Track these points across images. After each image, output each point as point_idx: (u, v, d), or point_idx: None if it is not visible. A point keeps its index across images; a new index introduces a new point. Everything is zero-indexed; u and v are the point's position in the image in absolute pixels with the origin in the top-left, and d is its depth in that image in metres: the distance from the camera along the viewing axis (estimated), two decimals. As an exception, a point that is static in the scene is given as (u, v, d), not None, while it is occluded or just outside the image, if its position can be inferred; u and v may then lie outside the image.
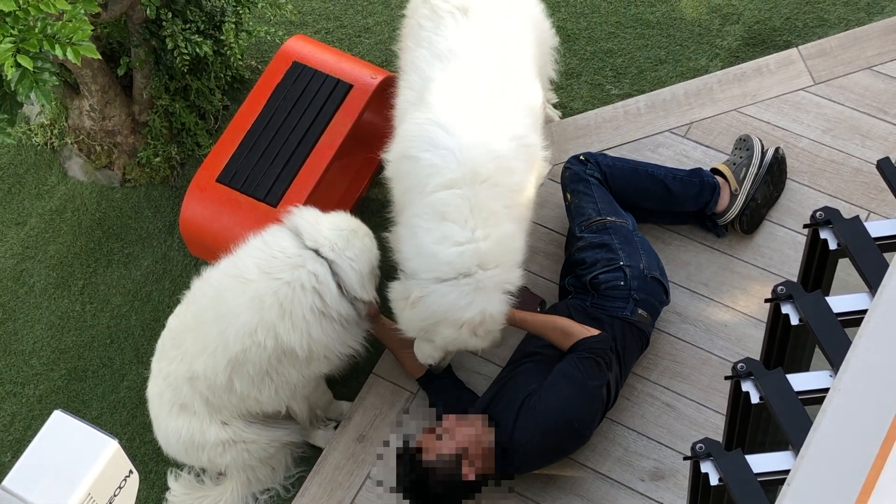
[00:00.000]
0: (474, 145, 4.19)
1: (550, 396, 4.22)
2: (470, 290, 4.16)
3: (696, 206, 4.79)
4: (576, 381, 4.23)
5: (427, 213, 4.19)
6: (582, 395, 4.23)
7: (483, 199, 4.17)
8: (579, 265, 4.60)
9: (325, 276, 4.22)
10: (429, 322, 4.22)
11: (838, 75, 5.17)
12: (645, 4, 5.53)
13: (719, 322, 4.72)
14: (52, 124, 5.53)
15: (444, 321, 4.20)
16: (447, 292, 4.16)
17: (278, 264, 4.20)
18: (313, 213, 4.35)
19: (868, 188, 4.90)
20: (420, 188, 4.22)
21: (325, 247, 4.23)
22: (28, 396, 5.02)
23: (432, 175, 4.19)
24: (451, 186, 4.16)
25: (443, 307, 4.17)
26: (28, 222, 5.39)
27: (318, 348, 4.28)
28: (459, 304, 4.16)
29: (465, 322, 4.18)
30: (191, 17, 5.01)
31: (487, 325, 4.22)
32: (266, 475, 4.63)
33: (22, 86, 3.59)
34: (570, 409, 4.22)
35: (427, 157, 4.21)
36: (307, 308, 4.20)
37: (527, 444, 4.22)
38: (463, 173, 4.15)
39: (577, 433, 4.29)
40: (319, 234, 4.25)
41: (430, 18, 4.46)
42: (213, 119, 5.48)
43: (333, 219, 4.34)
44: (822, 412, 2.59)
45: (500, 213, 4.20)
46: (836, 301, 3.01)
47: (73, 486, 3.01)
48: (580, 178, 4.72)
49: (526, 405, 4.24)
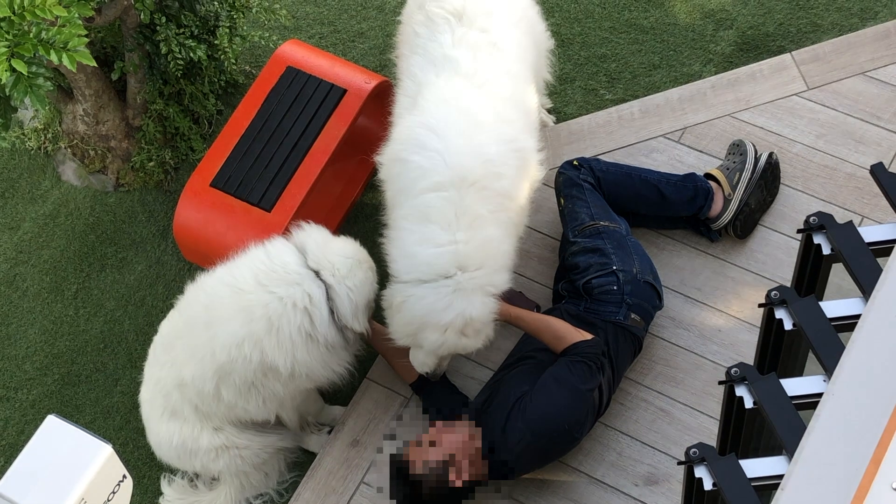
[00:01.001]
0: (464, 149, 4.19)
1: (541, 399, 4.22)
2: (448, 293, 4.14)
3: (689, 211, 4.80)
4: (567, 384, 4.23)
5: (412, 215, 4.20)
6: (572, 398, 4.23)
7: (469, 203, 4.16)
8: (572, 269, 4.60)
9: (319, 299, 4.20)
10: (413, 326, 4.22)
11: (832, 81, 5.18)
12: (639, 10, 5.54)
13: (713, 327, 4.72)
14: (45, 129, 5.53)
15: (427, 325, 4.19)
16: (425, 295, 4.15)
17: (276, 278, 4.19)
18: (323, 235, 4.33)
19: (861, 193, 4.91)
20: (408, 190, 4.23)
21: (327, 270, 4.22)
22: (21, 401, 5.01)
23: (420, 178, 4.20)
24: (438, 189, 4.17)
25: (422, 310, 4.16)
26: (21, 227, 5.38)
27: (300, 369, 4.26)
28: (437, 307, 4.15)
29: (447, 325, 4.17)
30: (185, 21, 5.01)
31: (473, 325, 4.21)
32: (259, 480, 4.62)
33: (17, 90, 3.59)
34: (561, 411, 4.22)
35: (416, 159, 4.21)
36: (294, 328, 4.18)
37: (517, 445, 4.22)
38: (451, 177, 4.16)
39: (567, 435, 4.29)
40: (324, 257, 4.23)
41: (426, 25, 4.46)
42: (207, 124, 5.48)
43: (342, 245, 4.32)
44: (816, 417, 2.59)
45: (485, 217, 4.20)
46: (829, 306, 3.01)
47: (67, 490, 3.00)
48: (573, 182, 4.72)
49: (517, 407, 4.24)
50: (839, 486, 2.48)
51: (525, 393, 4.27)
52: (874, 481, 2.47)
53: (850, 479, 2.48)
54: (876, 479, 2.48)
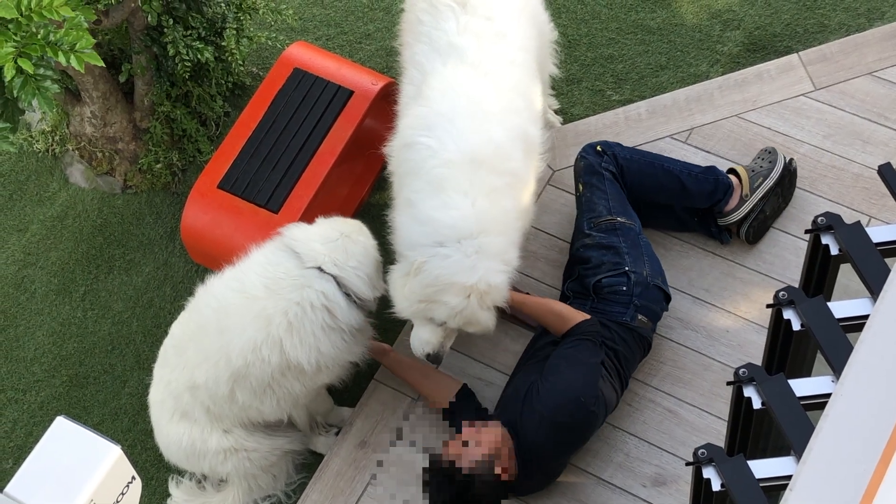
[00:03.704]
0: (472, 131, 4.20)
1: (551, 378, 4.24)
2: (473, 252, 4.12)
3: (707, 203, 4.79)
4: (574, 360, 4.26)
5: (425, 189, 4.19)
6: (581, 370, 4.25)
7: (482, 177, 4.17)
8: (584, 262, 4.59)
9: (333, 292, 4.21)
10: (433, 289, 4.15)
11: (839, 81, 5.18)
12: (645, 10, 5.53)
13: (721, 328, 4.72)
14: (53, 131, 5.54)
15: (450, 287, 4.14)
16: (449, 254, 4.12)
17: (286, 285, 4.19)
18: (302, 231, 4.31)
19: (869, 193, 4.90)
20: (418, 170, 4.22)
21: (327, 263, 4.22)
22: (29, 403, 5.02)
23: (430, 157, 4.20)
24: (449, 166, 4.17)
25: (447, 271, 4.12)
26: (29, 229, 5.39)
27: (325, 361, 4.27)
28: (463, 266, 4.11)
29: (471, 288, 4.13)
30: (192, 23, 5.02)
31: (493, 296, 4.18)
32: (267, 482, 4.62)
33: (24, 92, 3.59)
34: (572, 384, 4.22)
35: (425, 141, 4.22)
36: (318, 326, 4.20)
37: (537, 431, 4.21)
38: (461, 156, 4.16)
39: (583, 408, 4.23)
40: (315, 251, 4.23)
41: (429, 12, 4.46)
42: (214, 125, 5.49)
43: (321, 230, 4.31)
44: (824, 417, 2.59)
45: (500, 189, 4.20)
46: (837, 306, 3.01)
47: (76, 492, 3.01)
48: (594, 170, 4.70)
49: (529, 395, 4.26)
50: (848, 487, 2.48)
51: (534, 382, 4.29)
52: (883, 481, 2.47)
53: (858, 479, 2.48)
54: (885, 480, 2.47)
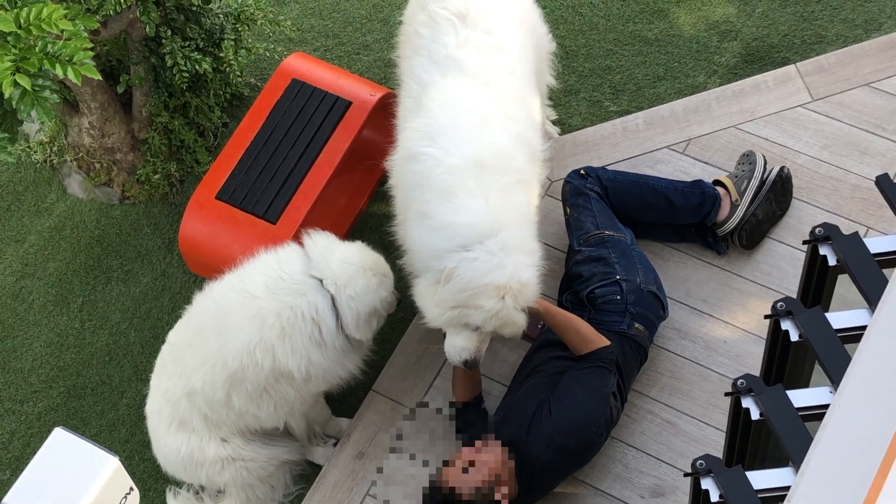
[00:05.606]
0: (474, 138, 4.20)
1: (566, 401, 4.24)
2: (497, 250, 4.08)
3: (697, 217, 4.80)
4: (588, 386, 4.27)
5: (434, 199, 4.15)
6: (596, 399, 4.26)
7: (490, 178, 4.15)
8: (576, 279, 4.61)
9: (324, 309, 4.19)
10: (465, 294, 4.09)
11: (836, 92, 5.19)
12: (643, 22, 5.54)
13: (719, 338, 4.72)
14: (51, 142, 5.54)
15: (483, 289, 4.07)
16: (476, 256, 4.07)
17: (284, 286, 4.19)
18: (328, 241, 4.30)
19: (867, 204, 4.91)
20: (425, 181, 4.19)
21: (329, 279, 4.21)
22: (27, 414, 5.01)
23: (436, 166, 4.17)
24: (455, 172, 4.15)
25: (477, 273, 4.06)
26: (27, 239, 5.39)
27: (315, 371, 4.27)
28: (491, 266, 4.06)
29: (504, 288, 4.07)
30: (190, 34, 5.03)
31: (526, 294, 4.14)
32: (265, 493, 4.62)
33: (23, 104, 3.60)
34: (588, 413, 4.24)
35: (429, 150, 4.21)
36: (306, 336, 4.18)
37: (544, 451, 4.21)
38: (466, 161, 4.15)
39: (591, 437, 4.27)
40: (327, 264, 4.21)
41: (428, 26, 4.46)
42: (212, 136, 5.49)
43: (347, 250, 4.28)
44: (823, 428, 2.59)
45: (509, 185, 4.19)
46: (835, 317, 3.01)
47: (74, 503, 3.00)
48: (579, 192, 4.73)
49: (538, 415, 4.25)
50: (846, 498, 2.48)
51: (543, 401, 4.28)
52: (881, 492, 2.47)
53: (857, 490, 2.48)
54: (883, 491, 2.47)
